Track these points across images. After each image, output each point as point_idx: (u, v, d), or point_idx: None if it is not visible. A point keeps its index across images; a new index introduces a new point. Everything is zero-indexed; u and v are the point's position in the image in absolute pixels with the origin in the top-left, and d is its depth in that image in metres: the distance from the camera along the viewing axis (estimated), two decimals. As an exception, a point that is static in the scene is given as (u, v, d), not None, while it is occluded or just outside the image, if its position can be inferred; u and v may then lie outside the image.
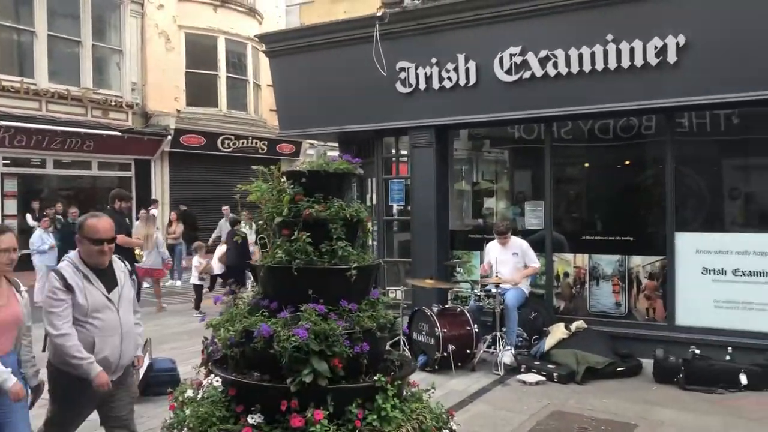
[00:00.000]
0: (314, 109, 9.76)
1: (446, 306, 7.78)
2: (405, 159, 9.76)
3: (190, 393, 4.04)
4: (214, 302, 4.55)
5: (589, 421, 5.58)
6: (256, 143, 20.29)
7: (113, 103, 16.77)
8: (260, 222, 4.32)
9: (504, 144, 9.76)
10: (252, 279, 4.52)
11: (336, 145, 11.56)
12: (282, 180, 4.35)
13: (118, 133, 16.65)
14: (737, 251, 7.28)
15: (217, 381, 4.00)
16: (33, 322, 3.90)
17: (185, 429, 3.81)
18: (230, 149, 19.50)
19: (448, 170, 9.25)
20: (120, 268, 4.00)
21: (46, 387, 3.93)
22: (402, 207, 9.97)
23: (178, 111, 18.63)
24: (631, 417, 5.67)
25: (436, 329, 7.13)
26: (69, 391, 3.84)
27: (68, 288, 3.71)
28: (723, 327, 7.24)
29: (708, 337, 7.18)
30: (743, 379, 6.42)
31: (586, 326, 7.62)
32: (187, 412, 3.89)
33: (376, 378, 3.85)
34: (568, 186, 9.06)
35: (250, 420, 3.73)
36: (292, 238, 4.00)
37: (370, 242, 10.20)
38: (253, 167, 4.33)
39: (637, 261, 7.96)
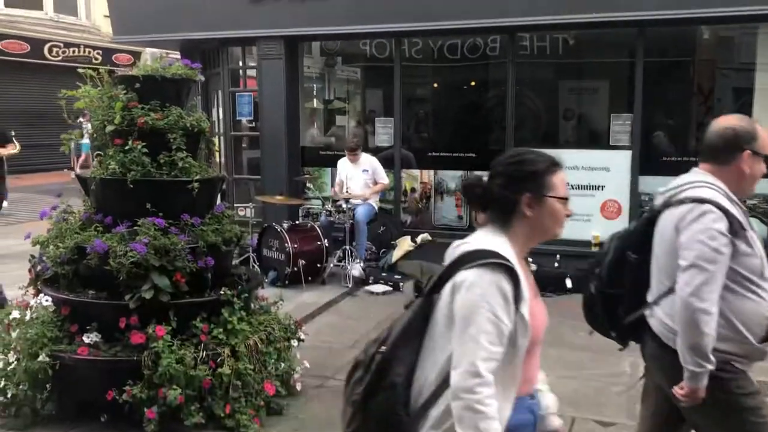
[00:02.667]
0: (152, 13, 9.01)
1: (297, 222, 7.75)
2: (254, 72, 9.37)
3: (16, 314, 3.77)
4: (40, 217, 4.19)
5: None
6: (89, 52, 18.57)
7: None
8: (91, 132, 4.01)
9: (356, 62, 9.65)
10: (83, 193, 4.18)
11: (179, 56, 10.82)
12: (114, 86, 4.03)
13: None
14: (568, 166, 7.78)
15: (47, 301, 3.75)
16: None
17: (12, 353, 3.56)
18: (59, 58, 17.71)
19: (299, 84, 9.02)
20: None
21: None
22: (252, 123, 9.65)
23: (-6, 12, 16.54)
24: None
25: (286, 245, 7.11)
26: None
27: (735, 234, 2.23)
28: (552, 237, 7.84)
29: (540, 246, 7.71)
30: (569, 283, 7.05)
31: (431, 239, 7.97)
32: (14, 334, 3.63)
33: (222, 292, 3.80)
34: (417, 104, 9.20)
35: (86, 339, 3.57)
36: (126, 148, 3.76)
37: (218, 159, 9.85)
38: (80, 69, 3.94)
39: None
